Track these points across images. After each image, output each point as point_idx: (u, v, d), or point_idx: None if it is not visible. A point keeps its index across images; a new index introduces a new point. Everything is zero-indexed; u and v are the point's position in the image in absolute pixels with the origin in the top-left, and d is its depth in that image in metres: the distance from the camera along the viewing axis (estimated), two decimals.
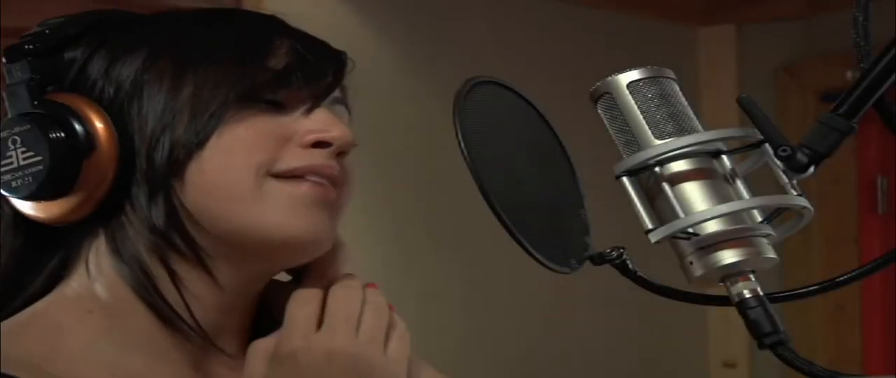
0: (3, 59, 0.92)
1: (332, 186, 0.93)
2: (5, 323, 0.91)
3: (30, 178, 0.89)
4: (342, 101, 0.97)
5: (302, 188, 0.91)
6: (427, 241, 2.73)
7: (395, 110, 2.66)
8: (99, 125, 0.90)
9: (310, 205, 0.92)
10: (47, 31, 0.93)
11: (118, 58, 0.92)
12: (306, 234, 0.92)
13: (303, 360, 0.88)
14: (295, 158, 0.91)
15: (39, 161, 0.89)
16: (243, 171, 0.90)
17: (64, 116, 0.90)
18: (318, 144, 0.92)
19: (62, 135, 0.89)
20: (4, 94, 0.92)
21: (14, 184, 0.90)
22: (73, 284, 0.93)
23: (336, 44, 0.97)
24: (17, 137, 0.89)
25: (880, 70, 0.81)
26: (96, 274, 0.92)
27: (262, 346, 0.90)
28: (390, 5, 2.73)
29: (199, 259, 0.91)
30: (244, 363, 0.92)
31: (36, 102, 0.91)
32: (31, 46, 0.92)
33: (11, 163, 0.90)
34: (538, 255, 0.81)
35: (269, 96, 0.91)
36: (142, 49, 0.92)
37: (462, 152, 0.81)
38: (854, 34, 0.83)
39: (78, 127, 0.89)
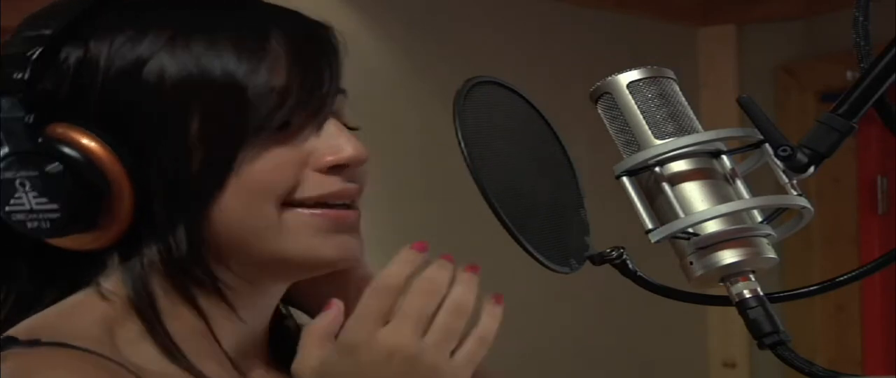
0: None
1: (355, 206, 0.93)
2: (48, 310, 0.90)
3: (47, 222, 0.87)
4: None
5: (325, 217, 0.91)
6: (426, 240, 2.73)
7: (394, 110, 2.65)
8: (111, 166, 0.86)
9: (337, 230, 0.91)
10: (30, 55, 0.87)
11: (119, 72, 0.87)
12: (338, 258, 0.92)
13: (364, 355, 0.84)
14: (314, 186, 0.90)
15: (55, 209, 0.86)
16: (265, 205, 0.88)
17: (73, 160, 0.86)
18: (335, 167, 0.91)
19: (75, 180, 0.86)
20: None
21: (29, 225, 0.87)
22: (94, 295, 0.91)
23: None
24: (25, 181, 0.86)
25: (880, 70, 0.81)
26: (110, 294, 0.90)
27: (317, 330, 0.87)
28: (390, 5, 2.73)
29: (220, 293, 0.90)
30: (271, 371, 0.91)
31: (39, 140, 0.87)
32: (20, 76, 0.86)
33: (23, 205, 0.87)
34: (538, 255, 0.81)
35: (278, 121, 0.88)
36: (140, 63, 0.88)
37: (462, 152, 0.81)
38: (854, 34, 0.83)
39: (90, 168, 0.86)
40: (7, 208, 0.87)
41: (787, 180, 0.81)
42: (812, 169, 0.81)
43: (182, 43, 0.88)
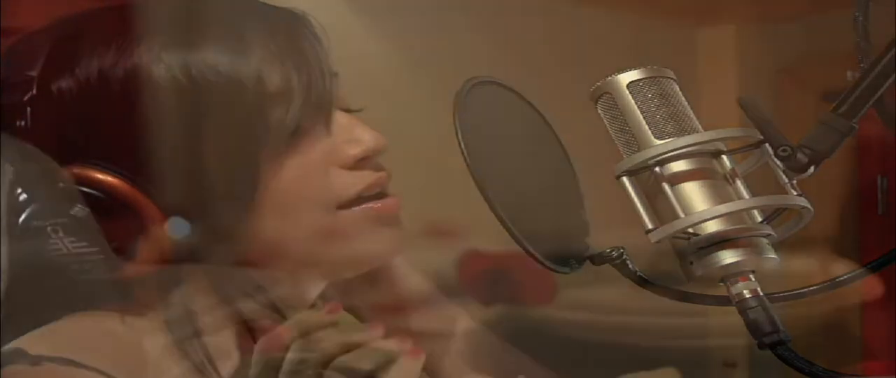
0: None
1: (389, 193, 0.92)
2: (66, 321, 0.88)
3: (88, 264, 0.85)
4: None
5: (372, 210, 0.90)
6: (426, 240, 2.73)
7: (394, 110, 2.65)
8: (134, 197, 0.85)
9: (387, 223, 0.91)
10: (27, 100, 0.85)
11: (115, 96, 0.85)
12: (392, 250, 0.92)
13: None
14: (348, 185, 0.89)
15: (95, 251, 0.85)
16: (304, 214, 0.88)
17: (97, 199, 0.84)
18: (360, 159, 0.90)
19: (104, 219, 0.84)
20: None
21: (73, 267, 0.85)
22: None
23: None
24: (57, 227, 0.84)
25: (880, 70, 0.81)
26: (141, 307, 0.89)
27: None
28: (391, 5, 2.73)
29: (276, 307, 0.89)
30: None
31: (60, 185, 0.85)
32: (22, 123, 0.85)
33: (60, 249, 0.85)
34: (538, 255, 0.81)
35: (289, 127, 0.87)
36: (131, 81, 0.85)
37: (462, 153, 0.81)
38: (854, 34, 0.83)
39: (115, 204, 0.85)
40: (48, 254, 0.85)
41: (787, 180, 0.81)
42: (812, 169, 0.81)
43: (172, 56, 0.86)
